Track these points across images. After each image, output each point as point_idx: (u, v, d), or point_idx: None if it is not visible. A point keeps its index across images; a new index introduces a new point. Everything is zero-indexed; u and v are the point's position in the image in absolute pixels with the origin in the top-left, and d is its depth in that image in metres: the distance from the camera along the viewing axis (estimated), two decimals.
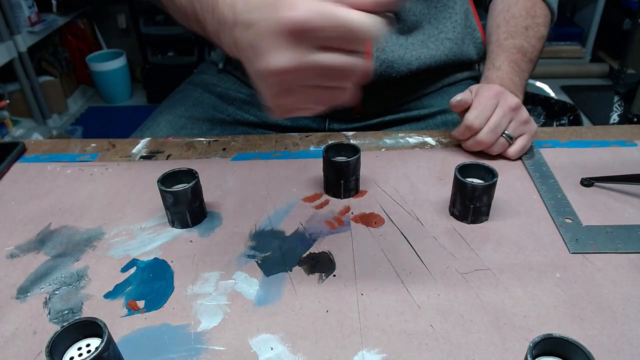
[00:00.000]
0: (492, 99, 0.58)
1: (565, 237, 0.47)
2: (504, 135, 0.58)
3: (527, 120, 0.59)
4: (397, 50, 0.70)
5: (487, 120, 0.57)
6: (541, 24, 0.69)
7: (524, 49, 0.67)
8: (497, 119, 0.57)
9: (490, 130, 0.57)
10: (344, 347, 0.38)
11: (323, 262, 0.46)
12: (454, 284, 0.43)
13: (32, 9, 1.93)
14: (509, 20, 0.69)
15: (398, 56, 0.70)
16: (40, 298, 0.43)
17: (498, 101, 0.58)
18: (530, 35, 0.68)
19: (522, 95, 0.65)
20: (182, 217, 0.50)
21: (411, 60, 0.70)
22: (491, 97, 0.58)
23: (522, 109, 0.59)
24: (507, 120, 0.58)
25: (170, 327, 0.40)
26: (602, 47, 2.49)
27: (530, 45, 0.67)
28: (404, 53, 0.70)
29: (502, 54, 0.67)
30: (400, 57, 0.70)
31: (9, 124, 1.88)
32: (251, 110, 0.79)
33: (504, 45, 0.67)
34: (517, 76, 0.65)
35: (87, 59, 2.37)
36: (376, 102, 0.77)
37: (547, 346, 0.33)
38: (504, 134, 0.58)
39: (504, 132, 0.58)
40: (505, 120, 0.58)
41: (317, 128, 0.80)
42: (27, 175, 0.60)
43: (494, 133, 0.57)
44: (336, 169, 0.52)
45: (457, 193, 0.49)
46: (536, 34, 0.68)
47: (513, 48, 0.67)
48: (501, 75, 0.65)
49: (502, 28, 0.69)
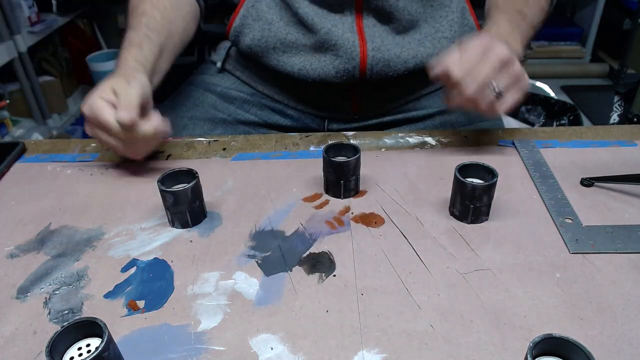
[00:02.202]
0: (477, 47, 0.53)
1: (565, 237, 0.47)
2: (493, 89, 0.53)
3: (518, 75, 0.54)
4: (393, 49, 0.69)
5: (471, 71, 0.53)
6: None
7: (523, 12, 0.64)
8: (483, 70, 0.52)
9: (480, 85, 0.52)
10: (344, 347, 0.38)
11: (323, 262, 0.46)
12: (454, 284, 0.43)
13: (32, 9, 1.92)
14: None
15: (394, 54, 0.70)
16: (40, 298, 0.43)
17: (486, 50, 0.53)
18: (530, 4, 0.66)
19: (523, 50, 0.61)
20: (182, 217, 0.50)
21: (408, 58, 0.70)
22: (477, 45, 0.53)
23: (513, 62, 0.53)
24: (494, 71, 0.53)
25: (170, 327, 0.40)
26: (602, 47, 2.49)
27: (530, 12, 0.65)
28: (400, 51, 0.70)
29: (501, 14, 0.63)
30: (397, 55, 0.70)
31: (9, 124, 1.87)
32: (251, 109, 0.79)
33: (503, 7, 0.65)
34: (517, 32, 0.61)
35: (87, 59, 2.36)
36: (374, 102, 0.77)
37: (547, 346, 0.33)
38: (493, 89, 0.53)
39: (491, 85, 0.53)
40: (491, 72, 0.52)
41: (316, 128, 0.80)
42: (27, 175, 0.60)
43: (477, 84, 0.52)
44: (336, 169, 0.52)
45: (457, 193, 0.49)
46: (537, 3, 0.66)
47: (513, 10, 0.64)
48: (500, 31, 0.60)
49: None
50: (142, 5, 0.67)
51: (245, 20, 0.73)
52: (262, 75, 0.78)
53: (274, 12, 0.71)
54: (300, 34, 0.70)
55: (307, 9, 0.68)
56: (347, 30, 0.68)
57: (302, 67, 0.71)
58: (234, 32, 0.74)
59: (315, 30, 0.69)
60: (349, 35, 0.68)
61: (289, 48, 0.71)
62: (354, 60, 0.69)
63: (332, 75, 0.70)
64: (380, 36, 0.69)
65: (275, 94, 0.79)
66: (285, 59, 0.71)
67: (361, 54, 0.68)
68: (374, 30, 0.69)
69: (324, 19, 0.68)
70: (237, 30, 0.74)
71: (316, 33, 0.69)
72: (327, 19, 0.68)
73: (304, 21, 0.69)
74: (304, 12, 0.68)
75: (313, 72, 0.71)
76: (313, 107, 0.78)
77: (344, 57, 0.69)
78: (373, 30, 0.69)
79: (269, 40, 0.71)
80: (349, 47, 0.68)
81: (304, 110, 0.79)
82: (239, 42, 0.75)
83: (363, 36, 0.68)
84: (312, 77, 0.71)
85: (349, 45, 0.68)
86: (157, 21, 0.66)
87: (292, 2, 0.69)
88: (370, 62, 0.69)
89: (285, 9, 0.70)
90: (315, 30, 0.69)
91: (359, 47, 0.68)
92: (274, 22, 0.71)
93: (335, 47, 0.69)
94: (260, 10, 0.72)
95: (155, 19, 0.65)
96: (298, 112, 0.79)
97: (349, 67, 0.69)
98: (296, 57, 0.71)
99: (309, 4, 0.68)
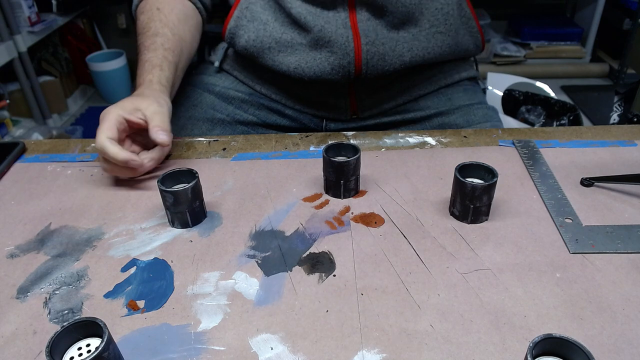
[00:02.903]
0: None
1: (565, 237, 0.47)
2: None
3: None
4: (387, 43, 0.69)
5: None
6: None
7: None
8: None
9: None
10: (344, 347, 0.38)
11: (323, 262, 0.46)
12: (454, 284, 0.43)
13: (32, 9, 1.92)
14: None
15: (389, 48, 0.69)
16: (40, 298, 0.43)
17: None
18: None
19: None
20: (182, 217, 0.50)
21: (403, 52, 0.70)
22: None
23: None
24: None
25: (170, 327, 0.40)
26: (602, 47, 2.49)
27: None
28: (395, 45, 0.70)
29: None
30: (392, 49, 0.69)
31: (9, 124, 1.88)
32: (250, 109, 0.79)
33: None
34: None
35: (87, 59, 2.36)
36: (372, 101, 0.77)
37: (547, 346, 0.33)
38: None
39: None
40: None
41: (314, 128, 0.80)
42: (27, 175, 0.60)
43: None
44: (336, 169, 0.52)
45: (457, 193, 0.49)
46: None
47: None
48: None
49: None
50: (152, 24, 0.68)
51: (239, 21, 0.73)
52: (259, 74, 0.78)
53: (268, 13, 0.71)
54: (295, 33, 0.70)
55: (299, 8, 0.68)
56: (340, 27, 0.68)
57: (298, 66, 0.71)
58: (229, 34, 0.74)
59: (309, 29, 0.69)
60: (343, 31, 0.68)
61: (285, 47, 0.71)
62: (349, 55, 0.68)
63: (327, 72, 0.70)
64: (374, 30, 0.69)
65: (272, 94, 0.79)
66: (281, 58, 0.72)
67: (355, 49, 0.68)
68: (368, 24, 0.69)
69: (317, 17, 0.68)
70: (232, 31, 0.74)
71: (310, 31, 0.69)
72: (320, 16, 0.68)
73: (298, 20, 0.69)
74: (297, 12, 0.68)
75: (309, 70, 0.71)
76: (311, 106, 0.78)
77: (339, 54, 0.69)
78: (367, 24, 0.69)
79: (264, 40, 0.71)
80: (343, 43, 0.68)
81: (302, 110, 0.79)
82: (234, 43, 0.75)
83: (357, 31, 0.68)
84: (308, 75, 0.71)
85: (342, 41, 0.68)
86: (171, 40, 0.68)
87: (285, 3, 0.69)
88: (365, 56, 0.69)
89: (279, 9, 0.70)
90: (309, 28, 0.69)
91: (353, 42, 0.68)
92: (268, 23, 0.71)
93: (329, 44, 0.69)
94: (254, 11, 0.72)
95: (168, 39, 0.68)
96: (296, 112, 0.79)
97: (344, 62, 0.69)
98: (292, 56, 0.71)
99: (302, 3, 0.69)
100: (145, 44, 0.67)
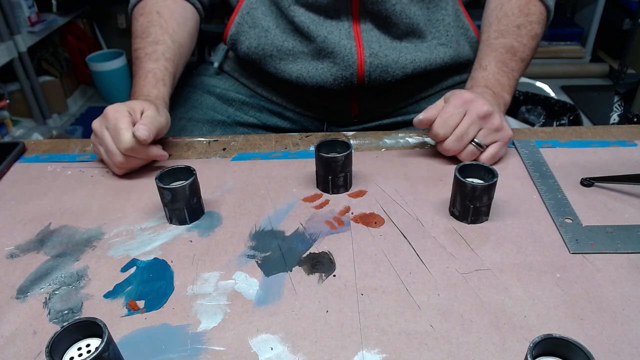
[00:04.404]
0: (459, 107, 0.57)
1: (565, 237, 0.47)
2: (473, 143, 0.57)
3: (498, 128, 0.57)
4: (390, 55, 0.69)
5: (453, 129, 0.57)
6: (535, 22, 0.68)
7: (513, 48, 0.66)
8: (464, 127, 0.56)
9: (457, 138, 0.56)
10: (344, 347, 0.38)
11: (323, 262, 0.46)
12: (454, 284, 0.43)
13: (32, 9, 1.92)
14: (500, 18, 0.68)
15: (392, 60, 0.69)
16: (40, 298, 0.43)
17: (466, 109, 0.57)
18: (522, 34, 0.67)
19: (510, 95, 0.65)
20: (180, 214, 0.50)
21: (406, 64, 0.70)
22: (459, 105, 0.57)
23: (493, 116, 0.57)
24: (476, 128, 0.57)
25: (170, 327, 0.40)
26: (602, 47, 2.49)
27: (522, 44, 0.67)
28: (398, 57, 0.69)
29: (490, 54, 0.66)
30: (395, 60, 0.69)
31: (9, 124, 1.87)
32: (250, 111, 0.79)
33: (493, 44, 0.67)
34: (504, 76, 0.64)
35: (87, 59, 2.36)
36: (373, 106, 0.77)
37: (547, 346, 0.33)
38: (473, 142, 0.57)
39: (473, 140, 0.57)
40: (473, 129, 0.56)
41: (315, 131, 0.80)
42: (27, 175, 0.60)
43: (460, 141, 0.57)
44: (324, 164, 0.52)
45: (457, 193, 0.49)
46: (529, 32, 0.68)
47: (502, 47, 0.66)
48: (487, 76, 0.64)
49: (494, 27, 0.68)
50: (152, 29, 0.68)
51: (241, 27, 0.72)
52: (260, 78, 0.78)
53: (269, 19, 0.71)
54: (297, 42, 0.70)
55: (302, 16, 0.68)
56: (343, 37, 0.68)
57: (300, 75, 0.71)
58: (231, 39, 0.74)
59: (312, 38, 0.68)
60: (346, 42, 0.68)
61: (286, 55, 0.71)
62: (352, 67, 0.68)
63: (329, 82, 0.70)
64: (377, 41, 0.69)
65: (273, 97, 0.78)
66: (283, 66, 0.71)
67: (358, 61, 0.68)
68: (372, 35, 0.69)
69: (320, 26, 0.68)
70: (234, 37, 0.73)
71: (313, 41, 0.68)
72: (323, 26, 0.68)
73: (300, 29, 0.68)
74: (299, 20, 0.68)
75: (310, 79, 0.70)
76: (312, 110, 0.78)
77: (342, 65, 0.68)
78: (370, 35, 0.69)
79: (265, 47, 0.71)
80: (346, 54, 0.68)
81: (303, 113, 0.79)
82: (236, 49, 0.74)
83: (360, 42, 0.68)
84: (310, 84, 0.71)
85: (346, 52, 0.68)
86: (171, 49, 0.68)
87: (287, 11, 0.68)
88: (368, 68, 0.68)
89: (281, 16, 0.70)
90: (312, 38, 0.68)
91: (357, 53, 0.68)
92: (270, 30, 0.70)
93: (332, 55, 0.68)
94: (255, 17, 0.71)
95: (169, 47, 0.67)
96: (297, 115, 0.79)
97: (347, 74, 0.69)
98: (293, 64, 0.71)
99: (305, 11, 0.68)
100: (146, 51, 0.66)
